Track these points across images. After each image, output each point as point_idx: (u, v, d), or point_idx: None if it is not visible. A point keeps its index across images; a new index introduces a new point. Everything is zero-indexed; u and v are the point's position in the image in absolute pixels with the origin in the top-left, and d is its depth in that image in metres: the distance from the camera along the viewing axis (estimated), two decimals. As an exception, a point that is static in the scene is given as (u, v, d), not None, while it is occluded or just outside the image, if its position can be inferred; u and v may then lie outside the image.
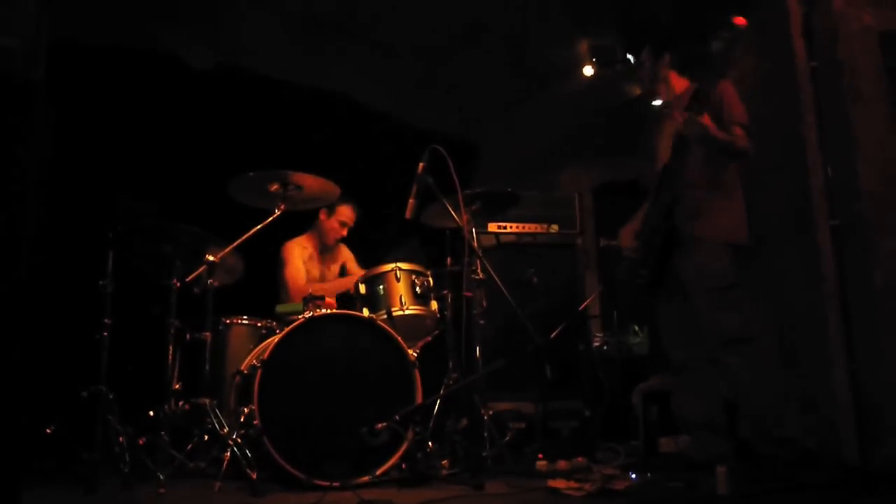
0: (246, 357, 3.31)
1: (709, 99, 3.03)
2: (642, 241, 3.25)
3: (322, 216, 4.31)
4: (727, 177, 3.19)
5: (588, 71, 5.04)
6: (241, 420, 2.95)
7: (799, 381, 3.40)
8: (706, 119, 2.97)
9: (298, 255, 4.25)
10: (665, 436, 3.79)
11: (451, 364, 3.47)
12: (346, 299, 3.91)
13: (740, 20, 3.18)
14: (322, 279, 4.32)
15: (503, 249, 4.52)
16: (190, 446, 3.00)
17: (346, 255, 4.50)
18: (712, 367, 3.13)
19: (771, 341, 3.45)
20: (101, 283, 3.15)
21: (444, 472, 3.04)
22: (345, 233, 4.36)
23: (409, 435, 3.00)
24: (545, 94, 5.40)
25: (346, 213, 4.30)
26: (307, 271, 4.26)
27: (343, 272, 4.45)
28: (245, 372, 3.12)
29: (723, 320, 3.01)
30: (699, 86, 3.15)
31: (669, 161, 3.15)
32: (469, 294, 3.44)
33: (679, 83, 3.35)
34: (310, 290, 3.68)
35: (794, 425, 3.00)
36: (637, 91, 5.21)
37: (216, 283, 3.20)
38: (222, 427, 2.96)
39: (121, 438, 2.93)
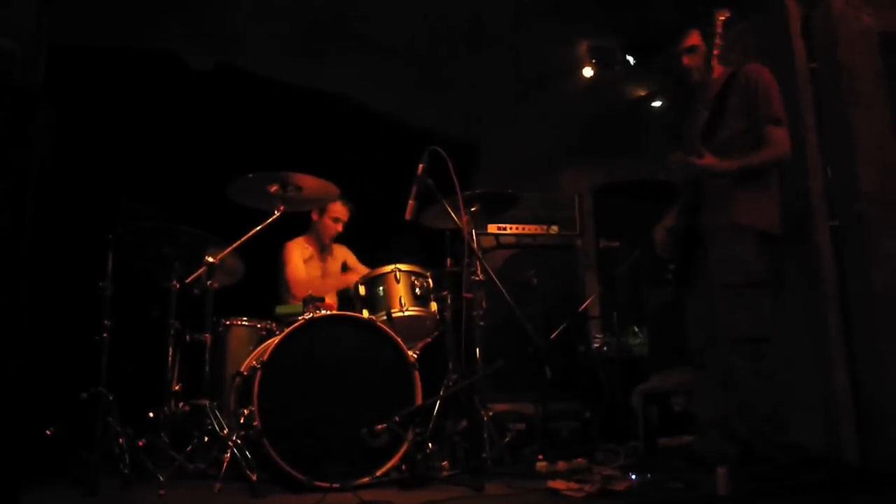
0: (246, 358, 3.31)
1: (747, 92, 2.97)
2: (675, 234, 3.22)
3: (314, 216, 4.30)
4: (752, 171, 3.04)
5: (588, 72, 5.05)
6: (241, 421, 2.94)
7: (799, 382, 3.40)
8: (707, 160, 2.92)
9: (299, 255, 4.25)
10: (665, 436, 3.79)
11: (450, 365, 3.46)
12: (348, 300, 3.91)
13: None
14: (324, 277, 4.32)
15: (503, 250, 4.53)
16: (190, 448, 3.00)
17: (344, 253, 4.49)
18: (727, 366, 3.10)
19: (776, 342, 3.44)
20: (100, 284, 3.16)
21: (444, 473, 3.03)
22: (340, 228, 4.33)
23: (409, 436, 2.99)
24: (545, 95, 5.40)
25: (336, 208, 4.26)
26: (308, 271, 4.25)
27: (345, 268, 4.44)
28: (245, 373, 3.12)
29: (735, 319, 2.95)
30: (734, 71, 3.07)
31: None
32: (469, 295, 3.44)
33: (717, 67, 3.10)
34: (310, 287, 3.70)
35: (795, 426, 2.99)
36: (641, 92, 5.23)
37: (216, 285, 3.20)
38: (222, 428, 2.96)
39: (121, 440, 2.93)
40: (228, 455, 2.79)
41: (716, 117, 3.06)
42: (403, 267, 3.52)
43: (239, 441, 2.83)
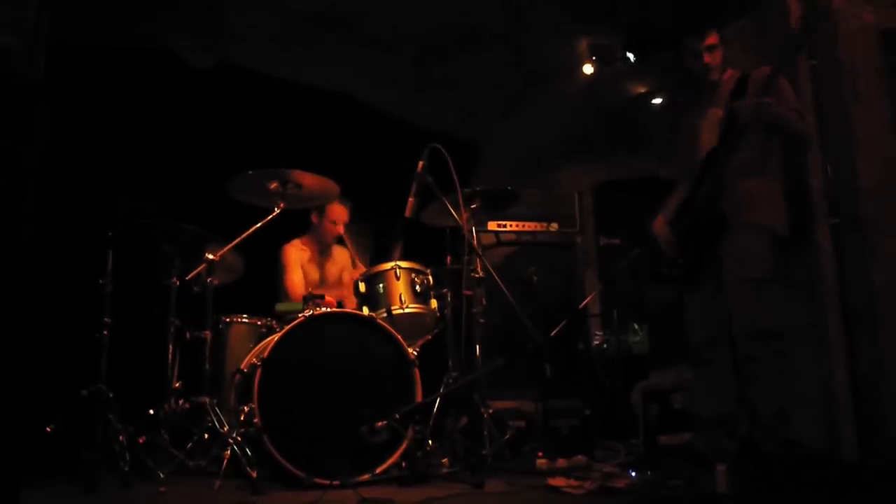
0: (246, 355, 3.31)
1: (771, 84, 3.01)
2: (679, 230, 3.21)
3: (314, 219, 4.21)
4: (774, 165, 3.14)
5: (588, 69, 5.04)
6: (241, 419, 2.95)
7: (800, 380, 3.40)
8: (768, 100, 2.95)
9: (297, 260, 4.17)
10: (665, 434, 3.79)
11: (450, 362, 3.46)
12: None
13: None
14: (321, 282, 4.25)
15: (503, 248, 4.53)
16: (190, 445, 3.00)
17: (344, 258, 4.39)
18: (734, 362, 3.10)
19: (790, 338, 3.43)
20: (100, 282, 3.16)
21: (444, 470, 3.05)
22: (341, 229, 4.21)
23: (409, 433, 3.00)
24: (545, 93, 5.39)
25: (335, 210, 4.15)
26: (305, 274, 4.18)
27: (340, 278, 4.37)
28: (245, 370, 3.12)
29: (755, 312, 2.96)
30: (744, 72, 3.13)
31: (718, 146, 3.08)
32: (469, 292, 3.45)
33: (726, 71, 3.26)
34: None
35: (795, 424, 2.99)
36: (642, 89, 5.22)
37: (216, 282, 3.20)
38: (222, 426, 2.96)
39: (121, 437, 2.93)
40: (228, 452, 2.79)
41: (734, 113, 3.08)
42: (403, 264, 3.51)
43: (239, 438, 2.83)
